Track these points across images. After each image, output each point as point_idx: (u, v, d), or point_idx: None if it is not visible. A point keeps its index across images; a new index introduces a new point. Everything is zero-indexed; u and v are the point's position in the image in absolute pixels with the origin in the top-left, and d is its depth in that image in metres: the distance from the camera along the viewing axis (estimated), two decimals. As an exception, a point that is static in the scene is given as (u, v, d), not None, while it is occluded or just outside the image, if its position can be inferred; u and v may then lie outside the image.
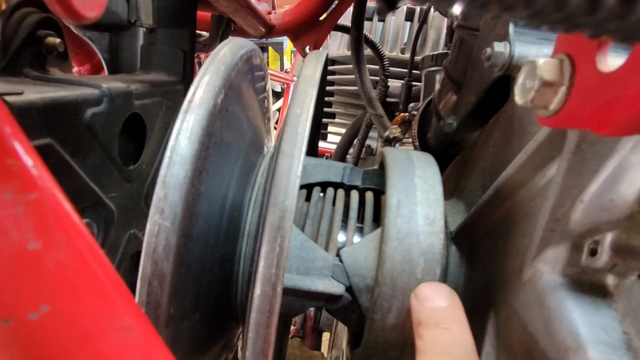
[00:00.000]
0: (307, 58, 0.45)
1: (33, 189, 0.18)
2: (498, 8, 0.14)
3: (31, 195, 0.18)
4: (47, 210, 0.19)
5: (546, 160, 0.34)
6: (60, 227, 0.19)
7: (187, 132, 0.33)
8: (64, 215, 0.19)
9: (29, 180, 0.18)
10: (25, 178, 0.18)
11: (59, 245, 0.19)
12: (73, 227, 0.20)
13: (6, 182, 0.18)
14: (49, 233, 0.18)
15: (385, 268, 0.41)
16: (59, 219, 0.19)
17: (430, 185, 0.46)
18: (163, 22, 0.61)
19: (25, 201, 0.18)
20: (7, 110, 0.19)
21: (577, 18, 0.13)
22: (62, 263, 0.19)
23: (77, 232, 0.20)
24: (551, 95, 0.26)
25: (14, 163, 0.18)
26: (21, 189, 0.18)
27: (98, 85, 0.41)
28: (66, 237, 0.19)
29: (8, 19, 0.38)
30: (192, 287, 0.35)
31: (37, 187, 0.19)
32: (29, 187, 0.18)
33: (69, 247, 0.19)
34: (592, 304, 0.32)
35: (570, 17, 0.13)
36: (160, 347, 0.19)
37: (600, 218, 0.29)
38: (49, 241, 0.18)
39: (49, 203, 0.19)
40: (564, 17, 0.13)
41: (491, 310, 0.41)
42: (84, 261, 0.20)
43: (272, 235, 0.31)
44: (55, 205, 0.19)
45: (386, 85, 1.05)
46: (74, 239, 0.19)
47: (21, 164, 0.18)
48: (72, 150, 0.36)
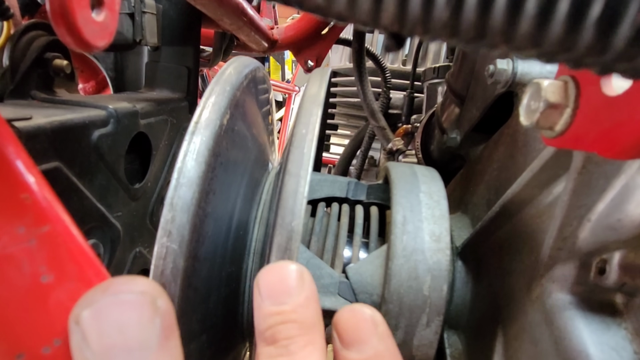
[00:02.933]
0: (311, 76, 0.45)
1: (45, 222, 0.19)
2: (507, 48, 0.14)
3: (43, 228, 0.18)
4: (59, 243, 0.19)
5: (552, 178, 0.34)
6: (72, 259, 0.19)
7: (193, 153, 0.34)
8: (75, 246, 0.20)
9: (42, 213, 0.19)
10: (38, 211, 0.18)
11: (71, 277, 0.19)
12: (84, 258, 0.20)
13: (20, 216, 0.18)
14: (61, 266, 0.19)
15: (392, 285, 0.41)
16: (71, 250, 0.19)
17: (435, 201, 0.46)
18: (167, 40, 0.62)
19: (38, 235, 0.18)
20: (20, 142, 0.19)
21: (586, 59, 0.13)
22: (74, 296, 0.19)
23: (88, 263, 0.20)
24: (556, 117, 0.27)
25: (27, 197, 0.18)
26: (34, 223, 0.18)
27: (104, 107, 0.41)
28: (78, 268, 0.19)
29: (16, 42, 0.38)
30: (200, 308, 0.35)
31: (49, 219, 0.19)
32: (41, 221, 0.18)
33: (80, 279, 0.19)
34: (601, 323, 0.32)
35: (578, 58, 0.13)
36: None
37: (608, 237, 0.29)
38: (61, 274, 0.18)
39: (61, 235, 0.19)
40: (573, 58, 0.13)
41: (499, 328, 0.41)
42: (95, 292, 0.20)
43: (279, 257, 0.31)
44: (67, 237, 0.19)
45: (388, 97, 1.06)
46: (85, 271, 0.20)
47: (34, 197, 0.18)
48: (79, 172, 0.37)
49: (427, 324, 0.42)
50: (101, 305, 0.19)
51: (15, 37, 0.39)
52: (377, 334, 0.26)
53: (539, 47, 0.13)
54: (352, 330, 0.26)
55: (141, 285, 0.21)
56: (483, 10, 0.13)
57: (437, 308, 0.41)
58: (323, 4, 0.15)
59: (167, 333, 0.21)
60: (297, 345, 0.24)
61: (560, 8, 0.12)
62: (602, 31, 0.12)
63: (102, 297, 0.19)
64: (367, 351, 0.25)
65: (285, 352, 0.24)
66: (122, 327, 0.19)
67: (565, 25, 0.12)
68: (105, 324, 0.19)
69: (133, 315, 0.20)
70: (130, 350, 0.19)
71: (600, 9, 0.12)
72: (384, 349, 0.26)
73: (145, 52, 0.66)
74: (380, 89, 1.09)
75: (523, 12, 0.12)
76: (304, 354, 0.24)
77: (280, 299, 0.26)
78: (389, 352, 0.26)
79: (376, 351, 0.25)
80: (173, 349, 0.22)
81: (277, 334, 0.25)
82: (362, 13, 0.14)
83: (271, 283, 0.26)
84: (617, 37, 0.12)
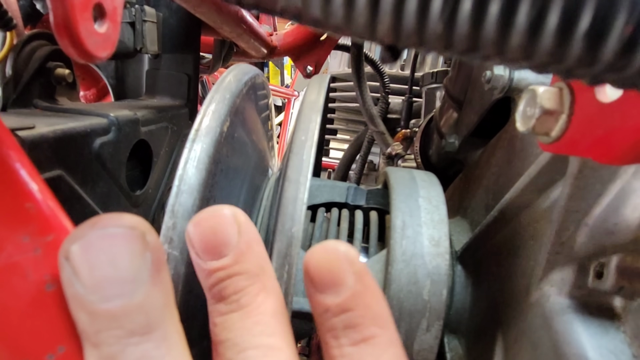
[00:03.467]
0: (310, 83, 0.46)
1: (49, 231, 0.19)
2: (499, 60, 0.14)
3: (48, 237, 0.19)
4: (63, 251, 0.19)
5: (549, 183, 0.35)
6: (76, 268, 0.19)
7: (194, 160, 0.34)
8: (79, 255, 0.20)
9: (46, 222, 0.19)
10: (42, 220, 0.19)
11: (75, 285, 0.19)
12: (88, 266, 0.20)
13: (24, 225, 0.18)
14: (65, 274, 0.19)
15: (391, 290, 0.42)
16: (74, 259, 0.20)
17: (434, 206, 0.46)
18: (168, 47, 0.62)
19: (43, 243, 0.18)
20: (23, 151, 0.20)
21: (576, 70, 0.13)
22: (77, 303, 0.19)
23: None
24: (552, 123, 0.27)
25: (31, 206, 0.18)
26: (38, 232, 0.18)
27: (106, 115, 0.42)
28: (81, 277, 0.20)
29: (19, 52, 0.39)
30: (201, 314, 0.35)
31: (53, 228, 0.19)
32: (46, 230, 0.19)
33: (84, 286, 0.19)
34: (600, 326, 0.32)
35: (569, 69, 0.13)
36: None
37: (605, 241, 0.30)
38: (65, 282, 0.19)
39: (65, 244, 0.19)
40: (563, 69, 0.13)
41: (499, 331, 0.41)
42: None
43: (279, 263, 0.31)
44: (71, 245, 0.20)
45: (387, 102, 1.06)
46: (88, 279, 0.20)
47: (38, 206, 0.19)
48: (81, 180, 0.37)
49: (427, 328, 0.42)
50: (90, 239, 0.18)
51: (18, 47, 0.39)
52: (354, 272, 0.23)
53: (530, 59, 0.14)
54: (325, 271, 0.23)
55: (129, 220, 0.20)
56: (475, 23, 0.13)
57: (437, 312, 0.41)
58: (320, 17, 0.15)
59: (157, 267, 0.21)
60: (248, 296, 0.23)
61: (550, 22, 0.12)
62: (591, 44, 0.12)
63: (90, 231, 0.19)
64: (344, 293, 0.22)
65: (237, 306, 0.23)
66: (112, 260, 0.19)
67: (555, 38, 0.13)
68: (95, 257, 0.18)
69: (123, 248, 0.19)
70: (122, 282, 0.19)
71: (588, 22, 0.12)
72: (362, 288, 0.23)
73: (146, 60, 0.66)
74: (378, 94, 1.10)
75: (514, 26, 0.13)
76: (256, 303, 0.23)
77: (219, 252, 0.24)
78: (370, 291, 0.23)
79: (354, 291, 0.22)
80: (165, 283, 0.21)
81: (224, 290, 0.23)
82: (358, 26, 0.15)
83: (205, 236, 0.24)
84: (605, 49, 0.12)
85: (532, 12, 0.12)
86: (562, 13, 0.12)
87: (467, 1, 0.13)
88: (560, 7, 0.12)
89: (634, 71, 0.12)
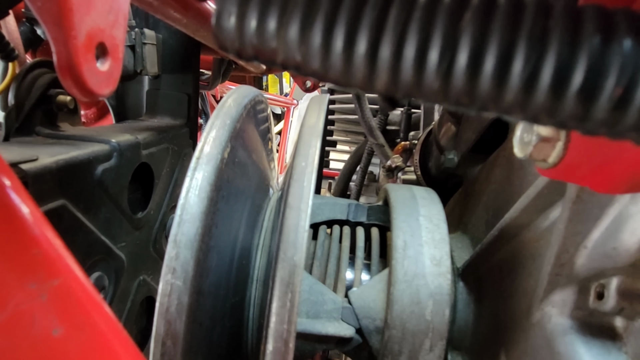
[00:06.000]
0: (309, 105, 0.46)
1: (56, 275, 0.19)
2: (496, 111, 0.15)
3: (54, 282, 0.19)
4: (69, 295, 0.19)
5: (548, 204, 0.35)
6: (83, 310, 0.20)
7: (196, 189, 0.34)
8: (85, 297, 0.20)
9: (52, 266, 0.19)
10: (48, 265, 0.19)
11: (82, 328, 0.19)
12: (95, 308, 0.20)
13: (31, 272, 0.18)
14: (72, 318, 0.19)
15: (394, 311, 0.42)
16: (81, 302, 0.20)
17: (435, 225, 0.46)
18: (168, 68, 0.63)
19: (49, 289, 0.19)
20: (29, 195, 0.20)
21: (570, 123, 0.14)
22: (84, 346, 0.19)
23: (98, 312, 0.20)
24: (549, 150, 0.27)
25: (38, 252, 0.19)
26: (45, 277, 0.19)
27: (107, 141, 0.42)
28: (88, 319, 0.20)
29: (21, 81, 0.39)
30: (205, 342, 0.36)
31: (59, 272, 0.19)
32: (53, 275, 0.19)
33: (91, 329, 0.20)
34: (602, 347, 0.32)
35: (562, 122, 0.14)
36: None
37: (605, 264, 0.30)
38: (72, 326, 0.19)
39: (72, 287, 0.20)
40: (557, 122, 0.14)
41: (502, 351, 0.41)
42: (106, 342, 0.20)
43: (282, 291, 0.31)
44: (77, 287, 0.20)
45: (386, 114, 1.07)
46: (96, 320, 0.20)
47: (44, 252, 0.19)
48: (84, 207, 0.37)
49: (431, 348, 0.42)
50: None
51: (20, 76, 0.40)
52: None
53: (525, 112, 0.14)
54: None
55: None
56: (471, 79, 0.14)
57: (439, 333, 0.41)
58: (319, 71, 0.16)
59: None
60: None
61: (543, 80, 0.13)
62: (583, 103, 0.13)
63: None
64: None
65: None
66: None
67: (548, 95, 0.13)
68: None
69: None
70: None
71: (580, 83, 0.12)
72: None
73: (146, 80, 0.67)
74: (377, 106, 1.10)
75: (508, 82, 0.13)
76: None
77: None
78: None
79: None
80: None
81: None
82: (356, 80, 0.15)
83: None
84: (597, 108, 0.12)
85: (525, 70, 0.13)
86: (554, 72, 0.13)
87: (462, 58, 0.14)
88: (553, 66, 0.13)
89: (625, 127, 0.13)
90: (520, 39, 0.13)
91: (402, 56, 0.14)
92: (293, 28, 0.15)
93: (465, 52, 0.13)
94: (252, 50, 0.16)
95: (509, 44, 0.13)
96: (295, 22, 0.15)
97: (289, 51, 0.16)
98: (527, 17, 0.13)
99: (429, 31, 0.14)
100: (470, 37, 0.13)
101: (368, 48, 0.14)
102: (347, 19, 0.15)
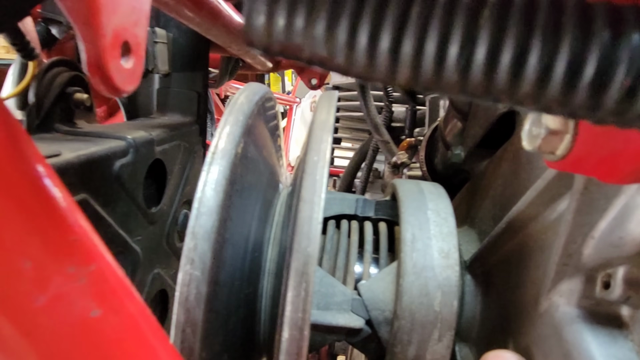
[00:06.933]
0: (319, 101, 0.47)
1: (92, 261, 0.20)
2: (510, 102, 0.16)
3: (91, 267, 0.20)
4: (104, 280, 0.21)
5: (556, 196, 0.36)
6: (116, 295, 0.21)
7: (212, 183, 0.35)
8: (117, 282, 0.21)
9: (88, 253, 0.20)
10: (85, 251, 0.20)
11: (116, 311, 0.20)
12: (126, 293, 0.21)
13: (70, 257, 0.19)
14: (108, 301, 0.20)
15: (403, 302, 0.43)
16: (114, 286, 0.21)
17: (443, 218, 0.47)
18: (178, 66, 0.64)
19: (87, 273, 0.20)
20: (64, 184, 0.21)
21: (580, 113, 0.15)
22: (119, 328, 0.20)
23: (129, 297, 0.22)
24: (557, 142, 0.28)
25: (75, 238, 0.20)
26: (82, 262, 0.20)
27: (124, 137, 0.43)
28: (121, 303, 0.21)
29: (41, 80, 0.41)
30: (221, 331, 0.37)
31: (95, 258, 0.21)
32: (89, 260, 0.20)
33: (124, 312, 0.21)
34: (608, 335, 0.33)
35: (573, 112, 0.15)
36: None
37: (611, 254, 0.31)
38: (108, 309, 0.20)
39: (106, 272, 0.21)
40: (568, 112, 0.15)
41: (510, 340, 0.42)
42: (136, 325, 0.21)
43: (297, 281, 0.33)
44: (110, 274, 0.21)
45: (391, 111, 1.08)
46: (127, 305, 0.21)
47: (81, 238, 0.20)
48: (103, 201, 0.39)
49: (439, 338, 0.43)
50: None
51: (40, 74, 0.41)
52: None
53: (538, 103, 0.15)
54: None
55: None
56: (488, 73, 0.15)
57: (448, 323, 0.42)
58: (344, 66, 0.17)
59: None
60: None
61: (557, 73, 0.14)
62: (594, 93, 0.14)
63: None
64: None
65: None
66: None
67: (562, 87, 0.14)
68: None
69: None
70: None
71: (591, 75, 0.13)
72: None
73: (156, 78, 0.68)
74: (382, 103, 1.11)
75: (524, 75, 0.14)
76: None
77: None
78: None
79: None
80: None
81: None
82: (379, 74, 0.16)
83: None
84: (607, 98, 0.13)
85: (540, 64, 0.14)
86: (567, 65, 0.14)
87: (480, 53, 0.15)
88: (566, 59, 0.14)
89: (633, 116, 0.14)
90: (535, 35, 0.14)
91: (423, 52, 0.15)
92: (319, 26, 0.16)
93: (483, 48, 0.14)
94: (279, 47, 0.17)
95: (525, 39, 0.14)
96: (322, 20, 0.16)
97: (315, 47, 0.16)
98: (541, 13, 0.14)
99: (449, 28, 0.15)
100: (488, 33, 0.14)
101: (391, 44, 0.15)
102: (371, 16, 0.15)
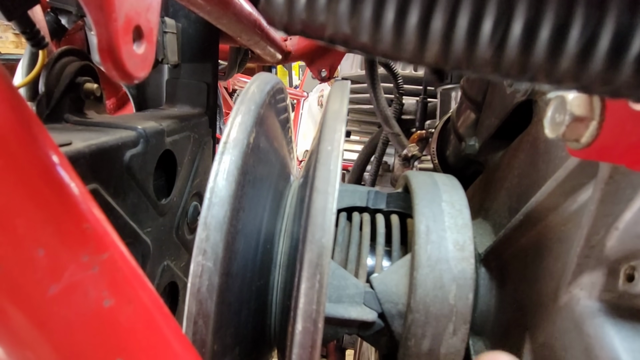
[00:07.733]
0: (331, 91, 0.46)
1: (105, 249, 0.20)
2: (547, 82, 0.15)
3: (103, 255, 0.20)
4: (117, 269, 0.20)
5: (577, 187, 0.35)
6: (128, 283, 0.20)
7: (224, 173, 0.35)
8: (130, 271, 0.21)
9: (101, 241, 0.20)
10: (98, 240, 0.20)
11: (129, 301, 0.20)
12: (139, 282, 0.21)
13: (83, 245, 0.19)
14: (121, 290, 0.20)
15: (417, 295, 0.42)
16: (127, 276, 0.20)
17: (457, 210, 0.46)
18: (187, 57, 0.63)
19: (100, 261, 0.19)
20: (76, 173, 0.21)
21: (624, 91, 0.14)
22: (132, 318, 0.20)
23: (142, 286, 0.21)
24: (582, 129, 0.27)
25: (88, 227, 0.19)
26: (95, 251, 0.19)
27: (134, 127, 0.43)
28: (134, 292, 0.20)
29: (51, 69, 0.40)
30: (233, 323, 0.36)
31: (108, 247, 0.20)
32: (102, 248, 0.20)
33: (137, 302, 0.20)
34: (632, 329, 0.32)
35: (616, 90, 0.14)
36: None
37: (636, 246, 0.30)
38: (121, 298, 0.20)
39: (119, 261, 0.20)
40: (610, 91, 0.14)
41: (526, 335, 0.42)
42: (149, 314, 0.21)
43: (311, 272, 0.32)
44: (123, 262, 0.21)
45: (401, 103, 1.06)
46: (140, 294, 0.21)
47: (93, 226, 0.20)
48: (113, 192, 0.38)
49: (454, 332, 0.42)
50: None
51: (50, 64, 0.41)
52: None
53: (578, 81, 0.14)
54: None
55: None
56: (525, 49, 0.14)
57: (463, 316, 0.42)
58: (369, 44, 0.16)
59: None
60: None
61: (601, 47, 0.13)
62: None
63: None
64: None
65: None
66: None
67: (606, 62, 0.13)
68: None
69: None
70: None
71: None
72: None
73: (166, 69, 0.67)
74: (392, 95, 1.10)
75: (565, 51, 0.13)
76: None
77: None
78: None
79: None
80: None
81: None
82: (407, 52, 0.15)
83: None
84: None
85: (582, 38, 0.13)
86: (613, 39, 0.13)
87: (517, 28, 0.14)
88: (612, 32, 0.13)
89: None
90: (578, 6, 0.13)
91: (455, 27, 0.14)
92: (344, 1, 0.15)
93: (520, 22, 0.13)
94: (301, 25, 0.16)
95: (566, 11, 0.13)
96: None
97: (338, 25, 0.16)
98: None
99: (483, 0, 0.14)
100: (526, 5, 0.13)
101: (420, 19, 0.14)
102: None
